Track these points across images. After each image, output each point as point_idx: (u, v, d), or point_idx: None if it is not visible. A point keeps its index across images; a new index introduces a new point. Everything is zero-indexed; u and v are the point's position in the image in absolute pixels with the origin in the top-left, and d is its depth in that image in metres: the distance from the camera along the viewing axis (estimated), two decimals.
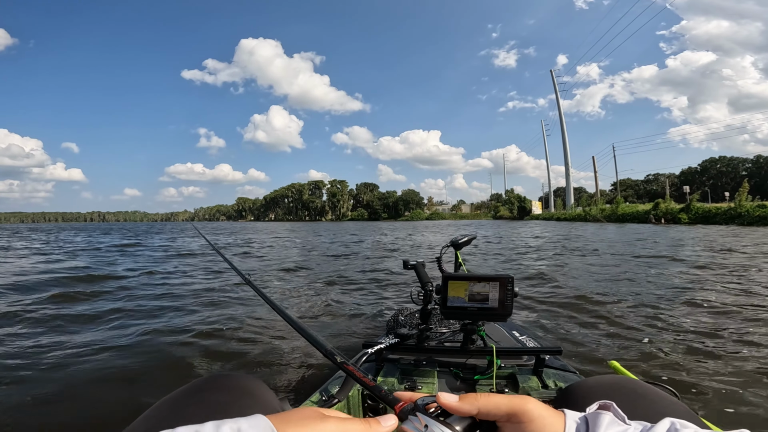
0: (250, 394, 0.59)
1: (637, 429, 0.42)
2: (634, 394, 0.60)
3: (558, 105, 70.12)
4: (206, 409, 0.54)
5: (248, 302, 3.75)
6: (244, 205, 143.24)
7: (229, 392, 0.58)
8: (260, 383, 0.64)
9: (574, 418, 0.44)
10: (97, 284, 4.88)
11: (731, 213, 26.95)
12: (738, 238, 12.34)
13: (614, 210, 40.56)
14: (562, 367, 1.27)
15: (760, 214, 24.87)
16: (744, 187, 28.55)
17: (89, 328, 2.96)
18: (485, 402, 0.43)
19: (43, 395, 1.84)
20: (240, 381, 0.62)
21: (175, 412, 0.53)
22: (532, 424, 0.42)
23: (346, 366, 0.66)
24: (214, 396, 0.57)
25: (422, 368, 1.21)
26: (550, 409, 0.45)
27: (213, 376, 0.63)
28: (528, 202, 79.12)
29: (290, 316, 0.93)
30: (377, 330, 2.94)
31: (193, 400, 0.56)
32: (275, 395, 0.65)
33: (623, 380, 0.66)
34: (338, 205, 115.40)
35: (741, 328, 2.77)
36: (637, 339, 2.59)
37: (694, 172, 75.85)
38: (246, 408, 0.56)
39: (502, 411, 0.43)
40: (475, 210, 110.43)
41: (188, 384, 0.60)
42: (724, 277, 4.92)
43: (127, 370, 2.15)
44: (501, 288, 1.08)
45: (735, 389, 1.84)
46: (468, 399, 0.44)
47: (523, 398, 0.44)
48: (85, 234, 21.29)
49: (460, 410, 0.43)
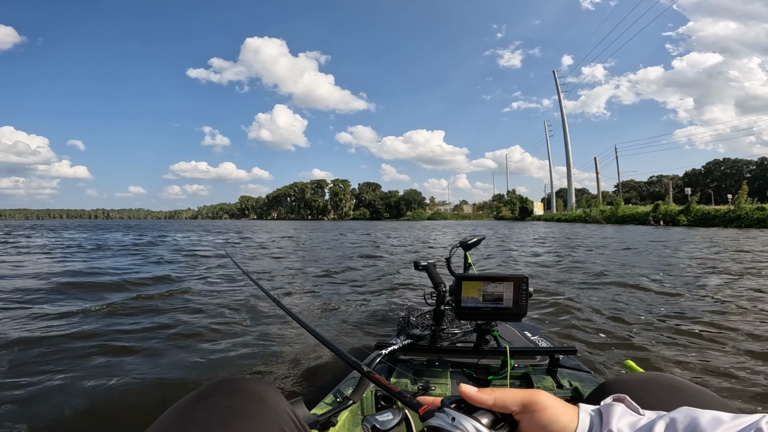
0: (259, 398, 0.60)
1: (651, 417, 0.43)
2: (672, 389, 0.61)
3: (560, 105, 70.00)
4: (216, 414, 0.55)
5: (261, 308, 3.71)
6: (247, 203, 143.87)
7: (238, 397, 0.59)
8: (270, 387, 0.65)
9: (588, 410, 0.46)
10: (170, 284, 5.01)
11: (730, 215, 26.92)
12: (736, 241, 12.36)
13: (614, 211, 40.51)
14: (576, 367, 1.26)
15: (759, 216, 24.85)
16: (743, 189, 28.49)
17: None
18: (501, 394, 0.46)
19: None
20: (249, 385, 0.62)
21: (186, 419, 0.55)
22: (545, 412, 0.44)
23: (372, 375, 0.72)
24: (224, 401, 0.57)
25: (435, 369, 1.23)
26: (562, 401, 0.47)
27: (222, 380, 0.63)
28: (530, 203, 78.95)
29: (317, 331, 1.01)
30: (383, 329, 2.99)
31: (203, 406, 0.57)
32: (285, 400, 0.65)
33: (659, 376, 0.66)
34: (340, 204, 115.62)
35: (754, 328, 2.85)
36: (649, 338, 2.63)
37: (698, 174, 75.47)
38: (255, 413, 0.57)
39: (517, 401, 0.46)
40: (477, 210, 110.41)
41: (198, 389, 0.61)
42: (730, 280, 5.01)
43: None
44: (515, 288, 1.07)
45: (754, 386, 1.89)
46: (485, 391, 0.47)
47: (536, 390, 0.47)
48: (121, 234, 21.13)
49: (478, 399, 0.46)
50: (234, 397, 0.58)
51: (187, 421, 0.54)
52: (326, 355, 2.35)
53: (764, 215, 24.63)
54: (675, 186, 66.14)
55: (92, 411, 1.79)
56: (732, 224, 25.71)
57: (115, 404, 1.87)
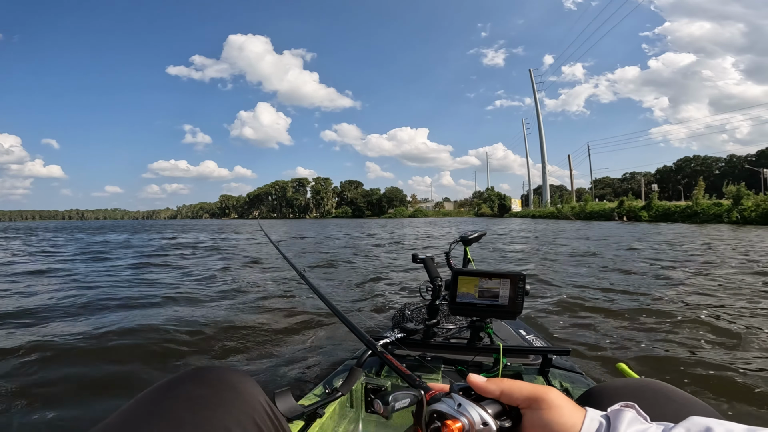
0: (233, 388, 0.57)
1: (658, 429, 0.41)
2: (665, 397, 0.59)
3: (536, 104, 70.91)
4: (185, 403, 0.52)
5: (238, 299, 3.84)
6: (228, 202, 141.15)
7: (211, 386, 0.55)
8: (245, 377, 0.62)
9: (596, 415, 0.44)
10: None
11: (688, 211, 27.48)
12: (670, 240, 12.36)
13: (583, 208, 41.14)
14: (569, 368, 1.25)
15: (716, 212, 25.39)
16: (700, 185, 29.19)
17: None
18: (509, 385, 0.46)
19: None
20: (223, 374, 0.59)
21: (153, 407, 0.52)
22: (550, 411, 0.43)
23: (385, 355, 0.75)
24: (195, 390, 0.54)
25: (427, 364, 1.21)
26: (571, 402, 0.45)
27: (195, 369, 0.60)
28: (508, 200, 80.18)
29: (336, 308, 1.05)
30: (381, 323, 2.99)
31: (173, 394, 0.54)
32: (262, 390, 0.61)
33: (652, 383, 0.64)
34: (323, 202, 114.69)
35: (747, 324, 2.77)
36: (641, 340, 2.57)
37: (669, 171, 77.51)
38: (227, 402, 0.54)
39: (524, 395, 0.45)
40: (458, 207, 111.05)
41: (168, 377, 0.58)
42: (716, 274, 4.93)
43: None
44: (512, 285, 1.06)
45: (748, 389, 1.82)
46: (493, 381, 0.47)
47: (547, 387, 0.45)
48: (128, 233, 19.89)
49: (485, 389, 0.46)
50: (206, 386, 0.56)
51: (155, 408, 0.52)
52: (320, 350, 2.42)
53: (720, 211, 25.17)
54: (647, 183, 67.64)
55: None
56: (690, 220, 26.24)
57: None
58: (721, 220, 24.09)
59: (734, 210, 23.99)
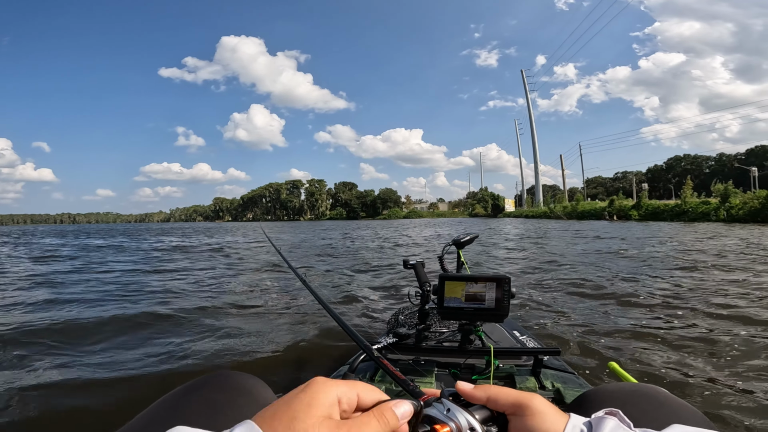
0: (248, 393, 0.59)
1: None
2: (657, 403, 0.60)
3: (528, 104, 71.25)
4: (203, 407, 0.55)
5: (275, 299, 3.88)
6: (221, 205, 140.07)
7: (227, 391, 0.58)
8: (258, 382, 0.64)
9: (578, 422, 0.45)
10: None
11: (677, 210, 27.67)
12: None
13: (574, 207, 41.31)
14: (561, 368, 1.26)
15: (704, 210, 25.58)
16: (687, 184, 29.39)
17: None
18: (495, 391, 0.47)
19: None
20: (239, 379, 0.62)
21: (172, 412, 0.55)
22: (534, 417, 0.44)
23: (381, 360, 0.76)
24: (212, 395, 0.57)
25: (420, 368, 1.22)
26: (555, 408, 0.46)
27: (211, 374, 0.62)
28: (501, 200, 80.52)
29: (335, 312, 1.10)
30: (375, 329, 3.00)
31: (191, 399, 0.57)
32: (274, 394, 0.64)
33: (646, 388, 0.65)
34: (317, 204, 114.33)
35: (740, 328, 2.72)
36: (633, 339, 2.55)
37: (660, 170, 78.21)
38: (243, 407, 0.56)
39: (509, 401, 0.46)
40: (453, 208, 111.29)
41: (188, 382, 0.61)
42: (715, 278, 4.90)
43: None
44: (498, 288, 1.07)
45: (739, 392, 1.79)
46: (481, 387, 0.48)
47: (532, 394, 0.46)
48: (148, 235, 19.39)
49: (473, 396, 0.47)
50: (222, 391, 0.59)
51: (175, 412, 0.55)
52: (321, 351, 2.48)
53: (708, 209, 25.37)
54: (639, 182, 68.17)
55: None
56: (678, 218, 26.41)
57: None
58: (709, 218, 24.27)
59: (722, 208, 24.20)
